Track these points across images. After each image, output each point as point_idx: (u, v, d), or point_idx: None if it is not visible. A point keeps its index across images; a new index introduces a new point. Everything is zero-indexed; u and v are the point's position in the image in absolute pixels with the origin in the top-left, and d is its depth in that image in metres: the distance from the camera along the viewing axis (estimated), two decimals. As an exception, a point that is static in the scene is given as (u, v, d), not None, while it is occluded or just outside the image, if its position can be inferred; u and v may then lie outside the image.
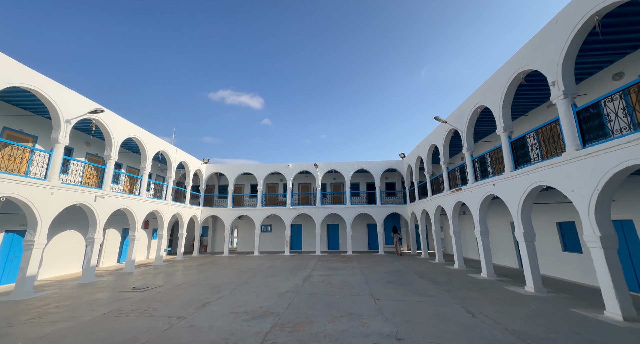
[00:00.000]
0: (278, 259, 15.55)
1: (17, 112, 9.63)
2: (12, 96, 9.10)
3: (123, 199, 11.80)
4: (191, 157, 18.07)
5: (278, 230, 21.42)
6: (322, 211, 18.82)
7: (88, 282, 9.77)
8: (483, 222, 9.58)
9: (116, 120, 11.29)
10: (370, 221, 20.68)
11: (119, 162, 14.95)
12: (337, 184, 22.41)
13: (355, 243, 20.32)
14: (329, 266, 12.70)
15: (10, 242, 9.66)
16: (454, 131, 11.38)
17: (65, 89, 9.04)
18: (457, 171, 11.84)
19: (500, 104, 8.11)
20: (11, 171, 8.97)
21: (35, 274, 8.11)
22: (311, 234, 20.84)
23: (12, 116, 9.56)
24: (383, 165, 19.42)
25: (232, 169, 20.18)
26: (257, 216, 19.08)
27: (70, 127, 9.25)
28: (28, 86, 7.96)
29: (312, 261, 14.38)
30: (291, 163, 19.95)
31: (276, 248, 21.19)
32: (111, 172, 11.13)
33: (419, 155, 15.59)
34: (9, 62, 7.48)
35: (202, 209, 19.47)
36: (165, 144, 14.98)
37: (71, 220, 11.76)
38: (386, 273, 10.51)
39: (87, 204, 10.01)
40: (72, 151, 12.10)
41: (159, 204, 14.47)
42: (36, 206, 8.16)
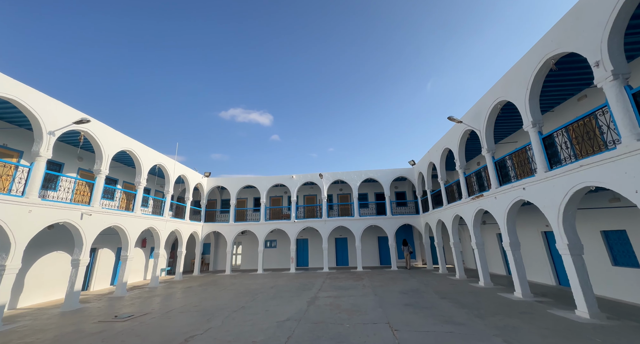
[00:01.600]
0: (283, 278, 14.34)
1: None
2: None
3: (114, 216, 10.99)
4: (191, 171, 17.39)
5: (283, 245, 20.24)
6: (329, 224, 17.66)
7: (71, 310, 8.79)
8: (512, 233, 8.33)
9: (106, 131, 10.68)
10: (381, 233, 19.36)
11: (115, 178, 14.33)
12: (344, 195, 21.31)
13: (366, 258, 18.92)
14: (338, 284, 11.44)
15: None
16: (470, 132, 10.35)
17: (48, 98, 8.48)
18: (473, 177, 10.74)
19: (527, 96, 7.10)
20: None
21: (5, 304, 7.19)
22: (318, 249, 19.58)
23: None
24: (392, 173, 18.33)
25: (233, 182, 19.39)
26: (260, 230, 18.03)
27: (54, 139, 8.62)
28: (3, 95, 7.39)
29: (319, 279, 13.12)
30: (295, 174, 19.07)
31: (282, 265, 19.93)
32: (101, 188, 10.40)
33: (431, 161, 14.50)
34: (-17, 70, 6.94)
35: (203, 225, 18.56)
36: (163, 157, 14.34)
37: (59, 240, 10.97)
38: (402, 293, 9.22)
39: (72, 222, 9.21)
40: (63, 166, 11.50)
41: (156, 221, 13.63)
42: (9, 226, 7.37)
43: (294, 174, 19.01)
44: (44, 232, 10.40)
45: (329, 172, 18.82)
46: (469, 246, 15.70)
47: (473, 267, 15.64)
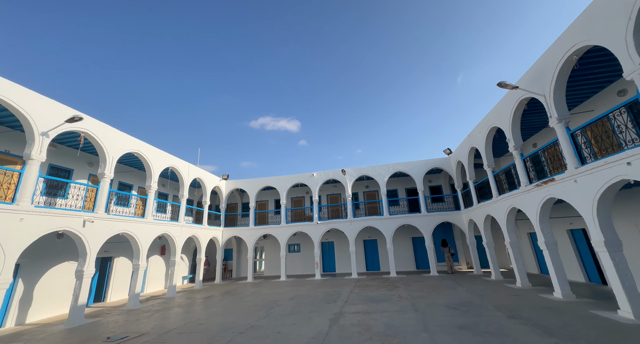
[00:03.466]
0: (306, 286, 12.84)
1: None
2: None
3: (122, 222, 10.29)
4: (207, 174, 16.66)
5: (307, 250, 18.80)
6: (355, 225, 15.90)
7: (75, 326, 8.04)
8: (609, 228, 6.03)
9: (109, 132, 10.03)
10: (415, 233, 17.14)
11: (129, 183, 13.89)
12: (371, 193, 19.38)
13: (400, 262, 16.79)
14: (368, 295, 9.66)
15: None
16: (527, 100, 8.12)
17: (38, 96, 7.86)
18: (529, 161, 8.47)
19: (628, 32, 4.94)
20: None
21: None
22: (345, 252, 17.84)
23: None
24: (424, 165, 16.10)
25: (252, 183, 18.40)
26: (281, 234, 16.77)
27: (48, 140, 7.97)
28: (-13, 94, 6.78)
29: (347, 288, 11.41)
30: (316, 172, 17.60)
31: (306, 270, 18.48)
32: (105, 193, 9.71)
33: (472, 146, 12.20)
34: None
35: (224, 230, 17.74)
36: (175, 159, 13.64)
37: (70, 250, 10.47)
38: (451, 309, 7.24)
39: (73, 230, 8.52)
40: (72, 172, 11.10)
41: (170, 227, 12.88)
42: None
43: (315, 172, 17.55)
44: (53, 242, 9.96)
45: (352, 167, 17.09)
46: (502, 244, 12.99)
47: (533, 271, 12.93)
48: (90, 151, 11.56)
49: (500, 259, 15.48)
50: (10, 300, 8.69)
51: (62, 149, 10.70)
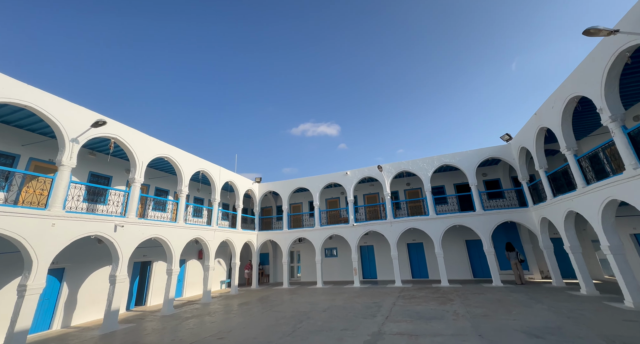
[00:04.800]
0: (343, 294, 11.57)
1: (36, 139, 9.15)
2: (22, 120, 8.57)
3: (154, 227, 10.26)
4: (239, 177, 16.50)
5: (345, 254, 17.50)
6: (396, 226, 14.18)
7: (108, 332, 7.99)
8: None
9: (138, 137, 10.11)
10: (469, 235, 14.73)
11: (165, 189, 14.22)
12: (414, 191, 17.37)
13: (452, 268, 14.50)
14: (415, 310, 8.04)
15: (41, 282, 8.77)
16: (633, 51, 5.89)
17: (67, 103, 8.04)
18: None
19: None
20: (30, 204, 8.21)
21: (28, 328, 6.52)
22: (387, 257, 16.12)
23: (32, 144, 9.09)
24: (477, 156, 13.73)
25: (284, 185, 17.81)
26: (315, 237, 15.78)
27: (78, 147, 8.10)
28: (18, 101, 7.01)
29: (389, 299, 9.86)
30: (349, 170, 16.32)
31: (345, 277, 17.16)
32: (136, 197, 9.75)
33: (542, 126, 9.79)
34: (-10, 77, 6.60)
35: (258, 234, 17.39)
36: (206, 163, 13.59)
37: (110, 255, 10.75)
38: (534, 337, 5.36)
39: (105, 235, 8.57)
40: (111, 179, 11.54)
41: (203, 231, 12.75)
42: (29, 242, 6.79)
43: (349, 170, 16.27)
44: (95, 247, 10.29)
45: (389, 163, 15.43)
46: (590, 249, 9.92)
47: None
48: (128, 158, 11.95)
49: (592, 266, 12.32)
50: (56, 303, 9.05)
51: (101, 157, 11.16)
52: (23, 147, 8.89)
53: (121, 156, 11.68)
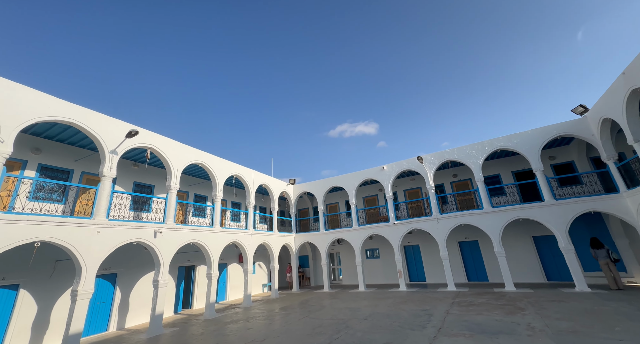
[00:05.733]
0: (387, 299, 10.53)
1: (86, 154, 9.88)
2: (72, 137, 9.27)
3: (191, 232, 10.48)
4: (273, 180, 16.44)
5: (387, 255, 16.29)
6: (444, 223, 12.66)
7: (153, 336, 8.22)
8: None
9: (172, 145, 10.44)
10: (538, 230, 12.52)
11: (204, 195, 14.68)
12: (462, 183, 15.50)
13: (518, 270, 12.41)
14: (474, 320, 6.75)
15: (97, 287, 9.42)
16: None
17: (106, 117, 8.51)
18: None
19: None
20: (83, 213, 8.87)
21: (79, 331, 6.88)
22: (435, 257, 14.54)
23: (82, 159, 9.83)
24: (541, 136, 11.51)
25: (318, 185, 17.31)
26: (354, 238, 14.93)
27: (117, 158, 8.54)
28: (63, 119, 7.55)
29: (441, 306, 8.59)
30: (386, 164, 15.18)
31: (389, 279, 15.93)
32: (173, 204, 10.03)
33: (635, 87, 7.68)
34: (36, 95, 7.17)
35: (296, 236, 17.12)
36: (238, 167, 13.72)
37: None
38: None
39: (146, 241, 8.89)
40: (153, 187, 12.16)
41: (239, 235, 12.80)
42: (78, 249, 7.22)
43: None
44: (142, 253, 10.85)
45: (431, 153, 13.93)
46: None
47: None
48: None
49: None
50: (111, 306, 9.67)
51: (143, 168, 11.81)
52: (76, 162, 9.71)
53: (161, 166, 12.27)
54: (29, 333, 7.70)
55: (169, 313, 11.31)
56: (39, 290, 8.08)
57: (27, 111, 6.94)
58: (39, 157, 8.89)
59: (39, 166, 8.86)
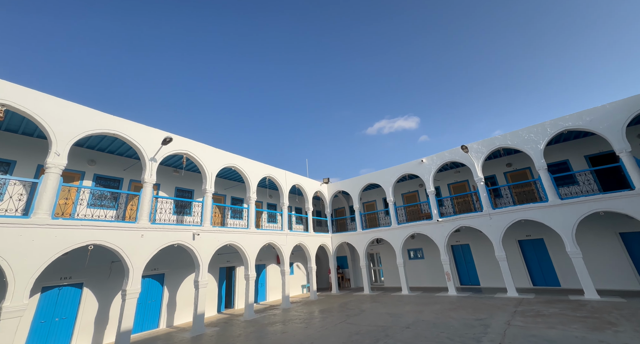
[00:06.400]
0: (434, 305, 9.51)
1: (132, 162, 10.67)
2: (119, 148, 10.06)
3: (227, 234, 10.71)
4: (306, 179, 16.27)
5: (433, 255, 14.97)
6: (497, 220, 11.12)
7: (196, 334, 8.51)
8: None
9: (206, 150, 10.80)
10: (627, 225, 10.31)
11: (240, 198, 15.06)
12: (518, 173, 13.55)
13: (601, 274, 10.30)
14: (545, 336, 5.56)
15: (147, 287, 10.11)
16: None
17: (145, 127, 9.07)
18: None
19: None
20: (128, 218, 9.58)
21: (130, 329, 7.33)
22: (490, 258, 12.91)
23: (130, 167, 10.63)
24: (626, 108, 9.30)
25: (353, 183, 16.68)
26: (394, 237, 13.99)
27: (157, 165, 9.05)
28: (108, 131, 8.20)
29: (500, 315, 7.39)
30: (425, 157, 13.97)
31: (435, 282, 14.60)
32: (209, 207, 10.34)
33: None
34: (85, 111, 7.86)
35: (332, 236, 16.72)
36: (270, 168, 13.80)
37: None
38: None
39: (186, 243, 9.27)
40: (193, 192, 12.78)
41: (275, 236, 12.82)
42: (125, 251, 7.73)
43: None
44: (185, 254, 11.42)
45: (478, 141, 12.41)
46: None
47: None
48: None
49: None
50: (160, 305, 10.30)
51: (183, 174, 12.49)
52: (124, 171, 10.58)
53: (198, 171, 12.83)
54: (92, 327, 8.49)
55: (212, 312, 11.74)
56: (99, 289, 8.88)
57: (78, 125, 7.63)
58: (94, 168, 9.84)
59: (95, 176, 9.81)
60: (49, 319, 7.87)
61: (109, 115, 8.38)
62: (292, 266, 16.80)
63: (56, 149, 7.12)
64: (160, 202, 10.94)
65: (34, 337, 7.50)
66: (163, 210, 10.89)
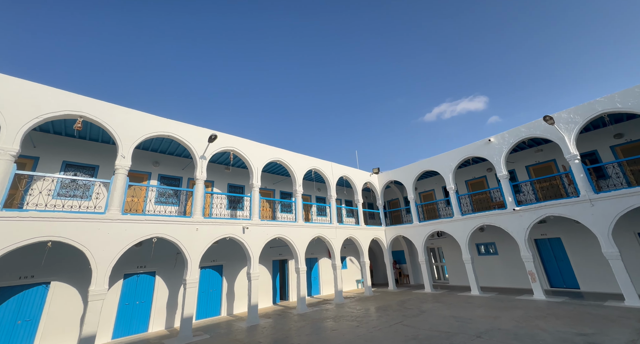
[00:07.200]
0: (514, 310, 7.84)
1: (189, 162, 11.48)
2: (176, 149, 10.88)
3: (275, 227, 10.77)
4: (354, 170, 15.51)
5: (509, 250, 12.68)
6: (601, 207, 8.64)
7: (251, 325, 8.74)
8: None
9: (251, 146, 11.00)
10: None
11: (289, 191, 15.14)
12: (632, 145, 10.38)
13: None
14: None
15: (208, 277, 10.85)
16: None
17: (194, 127, 9.58)
18: None
19: None
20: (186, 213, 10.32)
21: (192, 316, 7.83)
22: (592, 255, 10.23)
23: (187, 167, 11.45)
24: None
25: (406, 172, 15.26)
26: (457, 230, 12.27)
27: (206, 162, 9.51)
28: (162, 133, 8.85)
29: (616, 331, 5.55)
30: (493, 136, 11.82)
31: (515, 282, 12.32)
32: (257, 201, 10.53)
33: None
34: (142, 116, 8.61)
35: (386, 229, 15.66)
36: (316, 160, 13.47)
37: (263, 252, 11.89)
38: None
39: (237, 237, 9.58)
40: (244, 188, 13.27)
41: (323, 229, 12.49)
42: (183, 244, 8.28)
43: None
44: (240, 247, 11.92)
45: (568, 109, 9.85)
46: None
47: None
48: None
49: None
50: (221, 294, 10.95)
51: (234, 171, 13.05)
52: (183, 170, 11.50)
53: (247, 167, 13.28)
54: (165, 311, 9.44)
55: (268, 303, 12.06)
56: (168, 277, 9.82)
57: (138, 129, 8.41)
58: (158, 169, 10.91)
59: (159, 176, 10.87)
60: (131, 302, 8.99)
61: (163, 118, 9.06)
62: (345, 260, 16.32)
63: (122, 152, 7.95)
64: (215, 197, 11.62)
65: (120, 317, 8.64)
66: (218, 205, 11.55)
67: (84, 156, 9.34)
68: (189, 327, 7.71)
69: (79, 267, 8.03)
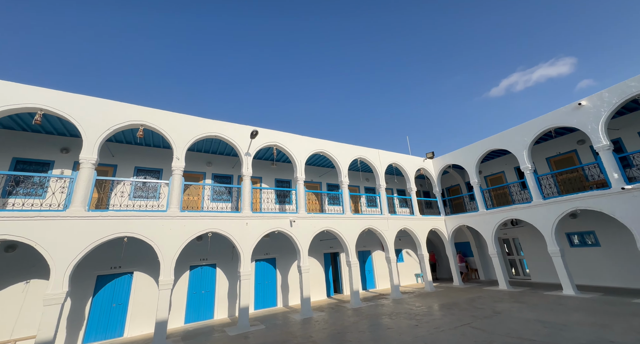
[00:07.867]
0: (633, 318, 6.03)
1: (236, 161, 11.94)
2: (221, 147, 11.35)
3: (322, 219, 10.51)
4: (404, 157, 14.29)
5: (617, 241, 10.05)
6: None
7: (304, 317, 8.70)
8: None
9: (293, 139, 10.91)
10: None
11: (336, 184, 14.72)
12: None
13: None
14: None
15: (262, 270, 11.23)
16: None
17: (238, 125, 9.86)
18: None
19: None
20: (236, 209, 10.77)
21: (248, 307, 8.12)
22: None
23: (236, 165, 11.95)
24: None
25: (465, 153, 13.42)
26: (537, 217, 10.23)
27: (251, 159, 9.73)
28: (210, 134, 9.28)
29: None
30: (585, 99, 9.43)
31: (630, 281, 9.71)
32: (302, 194, 10.40)
33: None
34: (192, 119, 9.17)
35: (446, 219, 14.09)
36: (361, 149, 12.76)
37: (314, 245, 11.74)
38: None
39: (285, 230, 9.62)
40: (290, 182, 13.36)
41: (373, 220, 11.79)
42: (235, 238, 8.62)
43: (584, 99, 9.32)
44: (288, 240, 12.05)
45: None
46: None
47: None
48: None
49: None
50: (275, 286, 11.24)
51: (280, 166, 13.18)
52: (232, 168, 12.07)
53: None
54: (227, 301, 10.07)
55: (322, 296, 11.98)
56: (227, 269, 10.45)
57: (188, 132, 8.98)
58: (211, 169, 11.65)
59: (212, 175, 11.60)
60: (198, 291, 9.81)
61: (209, 119, 9.52)
62: (401, 253, 15.29)
63: (176, 154, 8.60)
64: (263, 192, 11.94)
65: (190, 304, 9.49)
66: (266, 200, 11.85)
67: (150, 161, 10.45)
68: (246, 317, 8.01)
69: (154, 259, 9.05)
